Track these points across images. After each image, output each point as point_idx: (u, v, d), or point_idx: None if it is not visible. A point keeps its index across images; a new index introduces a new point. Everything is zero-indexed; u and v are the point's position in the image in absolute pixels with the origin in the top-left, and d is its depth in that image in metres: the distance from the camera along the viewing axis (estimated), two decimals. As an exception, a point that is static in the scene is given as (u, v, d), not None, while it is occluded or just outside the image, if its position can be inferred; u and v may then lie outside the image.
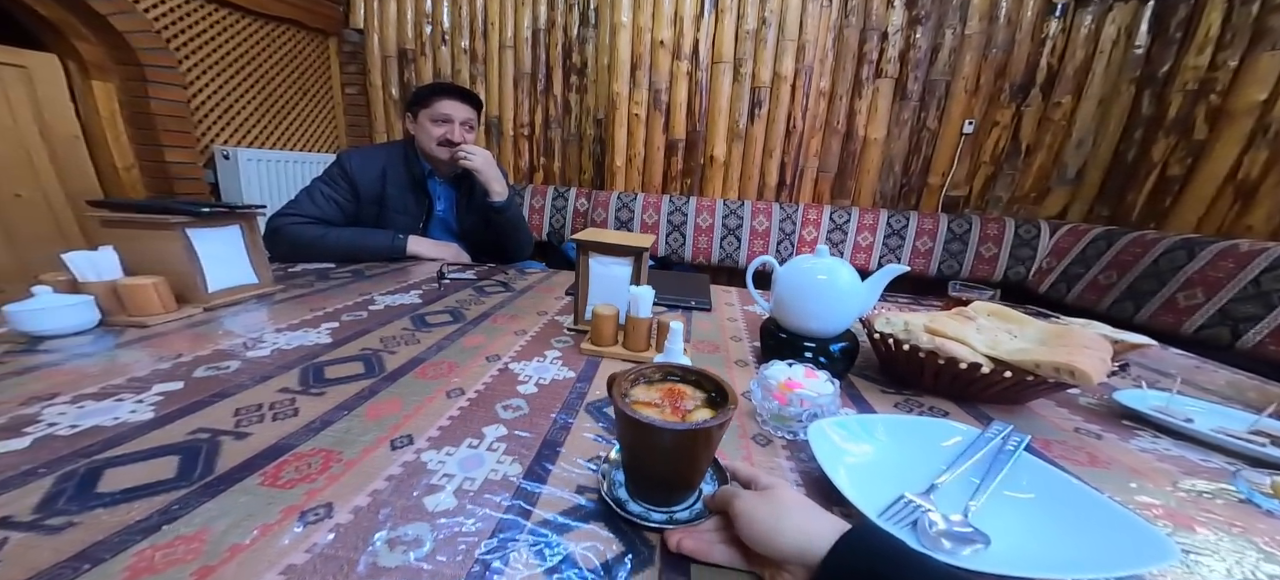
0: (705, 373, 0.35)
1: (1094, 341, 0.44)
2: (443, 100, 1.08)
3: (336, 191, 1.05)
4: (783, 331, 0.58)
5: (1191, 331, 1.12)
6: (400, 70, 2.12)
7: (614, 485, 0.34)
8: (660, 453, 0.30)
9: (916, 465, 0.36)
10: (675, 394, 0.33)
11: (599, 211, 2.01)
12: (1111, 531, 0.29)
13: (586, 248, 0.63)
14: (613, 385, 0.32)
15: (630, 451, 0.33)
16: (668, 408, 0.32)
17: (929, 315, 0.55)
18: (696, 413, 0.32)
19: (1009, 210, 1.95)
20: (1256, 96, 1.22)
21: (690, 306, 0.85)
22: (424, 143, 1.10)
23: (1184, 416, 0.45)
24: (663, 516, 0.31)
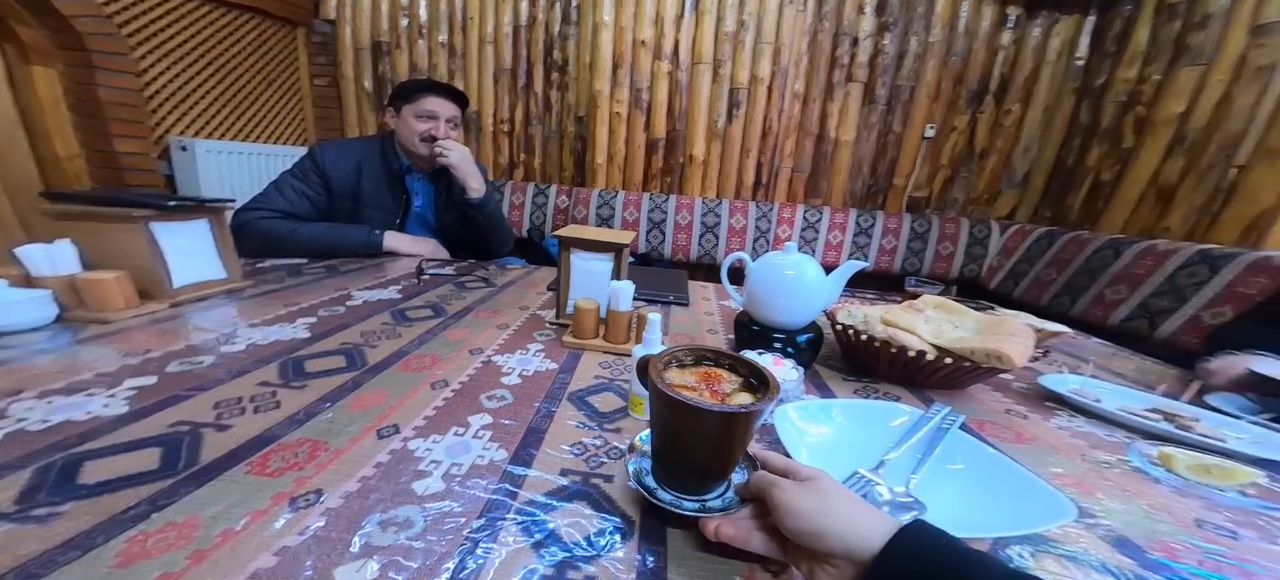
0: (739, 357, 0.34)
1: (1020, 330, 0.50)
2: (429, 97, 1.06)
3: (308, 186, 1.03)
4: (755, 324, 0.62)
5: (1117, 323, 1.23)
6: (374, 63, 2.06)
7: (642, 473, 0.33)
8: (700, 437, 0.29)
9: (869, 444, 0.40)
10: (711, 378, 0.33)
11: (580, 209, 2.01)
12: (1024, 496, 0.33)
13: (568, 243, 0.65)
14: (648, 367, 0.31)
15: (667, 435, 0.31)
16: (706, 391, 0.31)
17: (886, 308, 0.60)
18: (735, 397, 0.31)
19: (965, 211, 2.08)
20: (1176, 109, 1.36)
21: (668, 301, 0.89)
22: (406, 138, 1.08)
23: (1094, 397, 0.52)
24: (695, 505, 0.30)
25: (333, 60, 2.10)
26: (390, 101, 1.10)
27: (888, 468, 0.38)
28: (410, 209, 1.16)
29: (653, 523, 0.32)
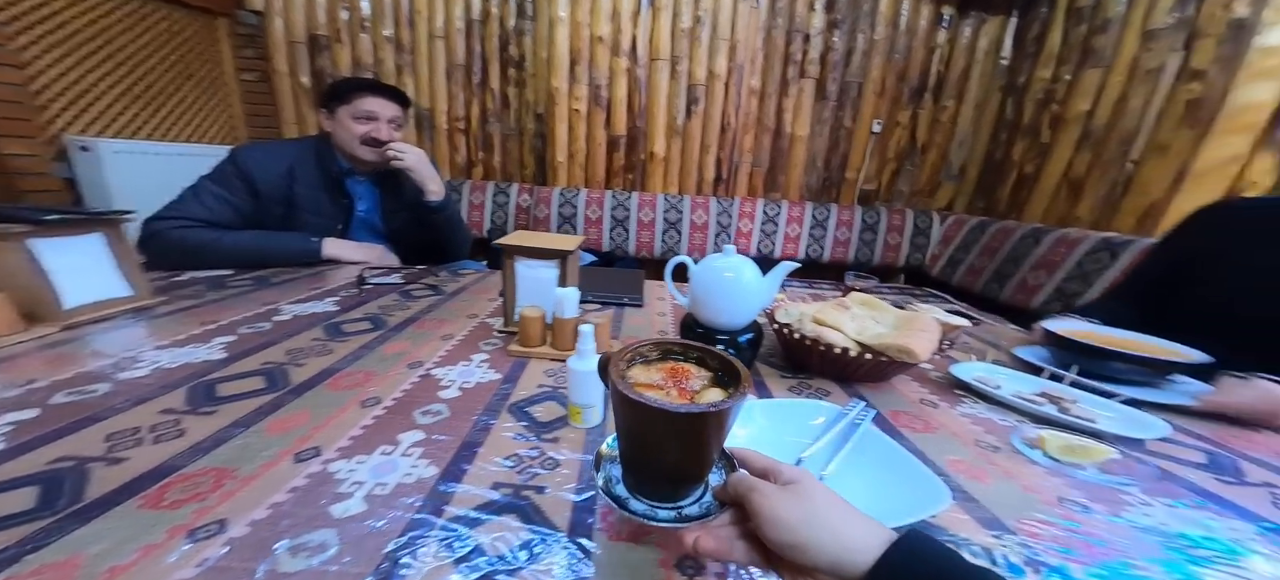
0: (707, 349, 0.32)
1: (928, 326, 0.54)
2: (366, 97, 1.00)
3: (230, 191, 0.95)
4: (700, 326, 0.63)
5: (1037, 307, 1.36)
6: (311, 57, 1.93)
7: (611, 482, 0.30)
8: (669, 441, 0.27)
9: (789, 441, 0.42)
10: (678, 373, 0.30)
11: (542, 208, 1.98)
12: (914, 485, 0.36)
13: (511, 252, 0.64)
14: (608, 366, 0.28)
15: (633, 440, 0.29)
16: (673, 390, 0.29)
17: (818, 307, 0.63)
18: (705, 394, 0.29)
19: (910, 203, 2.20)
20: (1083, 107, 1.50)
21: (623, 303, 0.89)
22: (344, 141, 1.02)
23: (995, 384, 0.57)
24: (671, 513, 0.28)
25: (263, 54, 1.95)
26: (322, 103, 1.03)
27: (806, 463, 0.40)
28: (353, 214, 1.10)
29: (581, 531, 0.32)
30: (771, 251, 2.15)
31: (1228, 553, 0.32)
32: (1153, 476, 0.41)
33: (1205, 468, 0.43)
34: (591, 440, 0.43)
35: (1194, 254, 0.74)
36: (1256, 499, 0.38)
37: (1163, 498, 0.38)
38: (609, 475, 0.31)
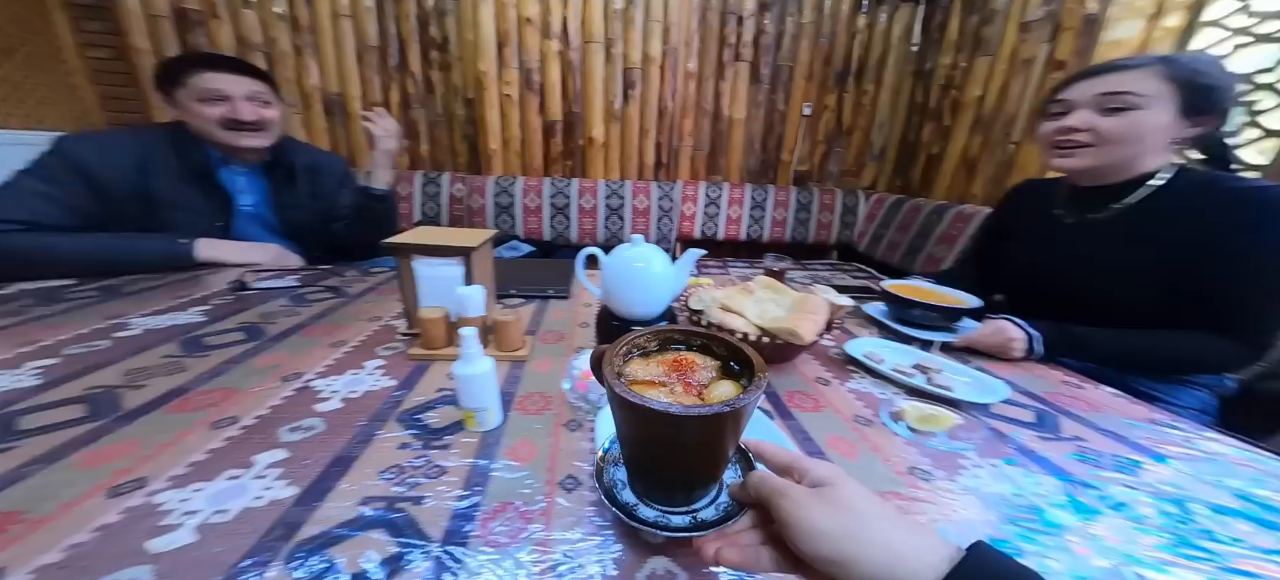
0: (712, 334, 0.29)
1: (818, 307, 0.59)
2: (203, 73, 0.86)
3: (58, 188, 0.80)
4: (615, 318, 0.64)
5: (940, 273, 1.51)
6: (180, 34, 1.66)
7: (617, 487, 0.28)
8: (680, 446, 0.24)
9: None
10: (682, 366, 0.27)
11: (476, 198, 1.89)
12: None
13: (406, 251, 0.60)
14: (601, 364, 0.25)
15: (638, 446, 0.26)
16: (678, 385, 0.26)
17: (725, 292, 0.66)
18: (716, 388, 0.26)
19: (839, 183, 2.34)
20: (976, 93, 1.65)
21: (547, 296, 0.87)
22: (203, 128, 0.89)
23: (879, 358, 0.62)
24: (685, 518, 0.26)
25: (115, 28, 1.65)
26: (158, 87, 0.88)
27: None
28: (235, 209, 0.97)
29: (456, 540, 0.31)
30: (715, 233, 2.21)
31: (1035, 511, 0.38)
32: (987, 439, 0.47)
33: (1033, 426, 0.50)
34: (488, 444, 0.42)
35: (1008, 223, 0.86)
36: (1064, 452, 0.45)
37: (992, 458, 0.44)
38: (614, 480, 0.28)
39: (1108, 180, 0.66)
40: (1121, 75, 0.60)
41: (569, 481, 0.38)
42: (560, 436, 0.45)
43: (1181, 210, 0.61)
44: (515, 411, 0.48)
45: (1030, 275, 0.77)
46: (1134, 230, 0.65)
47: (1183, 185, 0.62)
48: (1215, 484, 0.40)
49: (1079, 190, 0.72)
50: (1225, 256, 0.58)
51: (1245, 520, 0.36)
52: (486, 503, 0.35)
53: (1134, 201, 0.65)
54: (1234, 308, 0.58)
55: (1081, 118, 0.63)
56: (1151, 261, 0.63)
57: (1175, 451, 0.46)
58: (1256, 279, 0.57)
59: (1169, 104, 0.58)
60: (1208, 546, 0.34)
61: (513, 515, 0.34)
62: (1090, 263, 0.69)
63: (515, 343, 0.61)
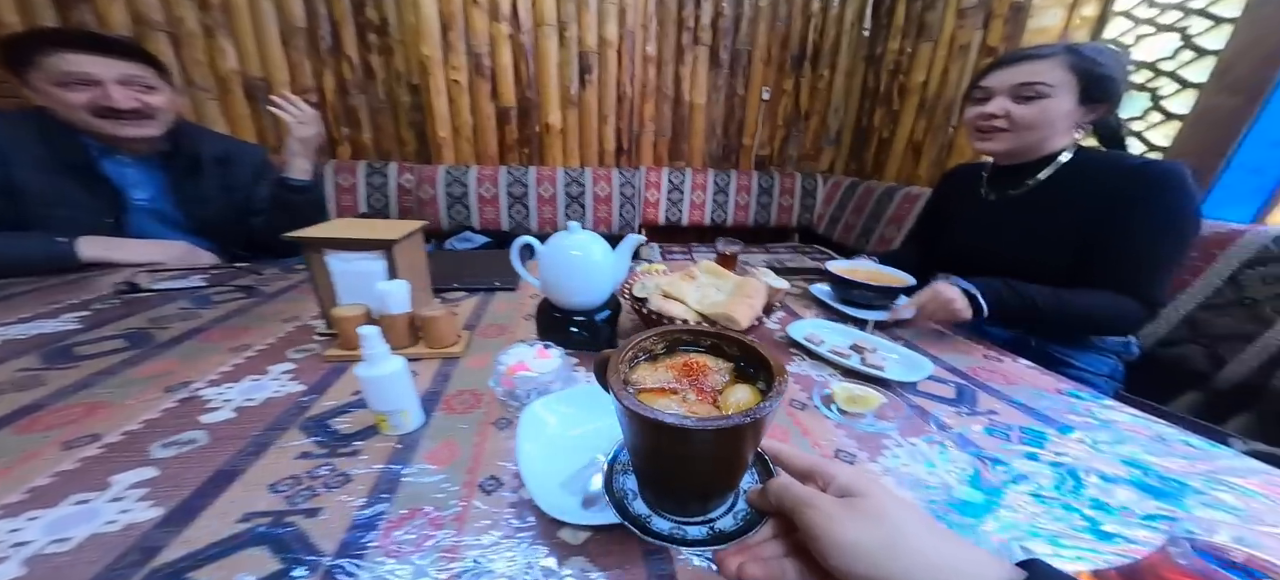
0: (722, 334, 0.28)
1: (756, 290, 0.59)
2: (60, 54, 0.75)
3: None
4: (556, 309, 0.61)
5: (890, 254, 1.57)
6: (61, 11, 1.45)
7: (627, 497, 0.26)
8: (696, 459, 0.22)
9: (601, 428, 0.41)
10: (693, 370, 0.26)
11: (426, 188, 1.79)
12: None
13: (316, 245, 0.55)
14: (606, 371, 0.23)
15: (649, 459, 0.25)
16: (690, 392, 0.25)
17: (667, 279, 0.64)
18: (730, 393, 0.24)
19: (799, 167, 2.38)
20: (920, 78, 1.71)
21: (492, 288, 0.84)
22: (70, 116, 0.78)
23: (819, 339, 0.63)
24: (701, 530, 0.25)
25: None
26: (9, 66, 0.77)
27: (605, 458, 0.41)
28: (127, 204, 0.87)
29: (352, 551, 0.30)
30: (679, 219, 2.21)
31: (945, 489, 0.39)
32: (910, 417, 0.48)
33: (953, 401, 0.52)
34: (405, 447, 0.40)
35: (943, 205, 0.93)
36: (977, 425, 0.47)
37: (912, 438, 0.45)
38: (624, 490, 0.27)
39: (1023, 159, 0.73)
40: (1034, 65, 0.66)
41: (490, 483, 0.37)
42: (487, 436, 0.43)
43: (1083, 184, 0.68)
44: (440, 411, 0.46)
45: (963, 252, 0.83)
46: (1044, 203, 0.72)
47: (1083, 162, 0.70)
48: (1109, 453, 0.43)
49: (1000, 170, 0.79)
50: (1122, 226, 0.64)
51: (1131, 487, 0.39)
52: (394, 510, 0.33)
53: (1044, 178, 0.72)
54: (1132, 271, 0.65)
55: (999, 105, 0.69)
56: (1060, 230, 0.70)
57: (1078, 421, 0.49)
58: (1149, 247, 0.64)
59: (1072, 92, 0.64)
60: (1091, 515, 0.35)
61: (422, 522, 0.33)
62: (1011, 236, 0.75)
63: (447, 338, 0.58)
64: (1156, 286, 0.65)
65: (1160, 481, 0.39)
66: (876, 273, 0.81)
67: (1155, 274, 0.65)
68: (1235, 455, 0.43)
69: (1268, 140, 1.02)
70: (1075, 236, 0.68)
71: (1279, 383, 0.73)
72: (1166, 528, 0.34)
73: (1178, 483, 0.39)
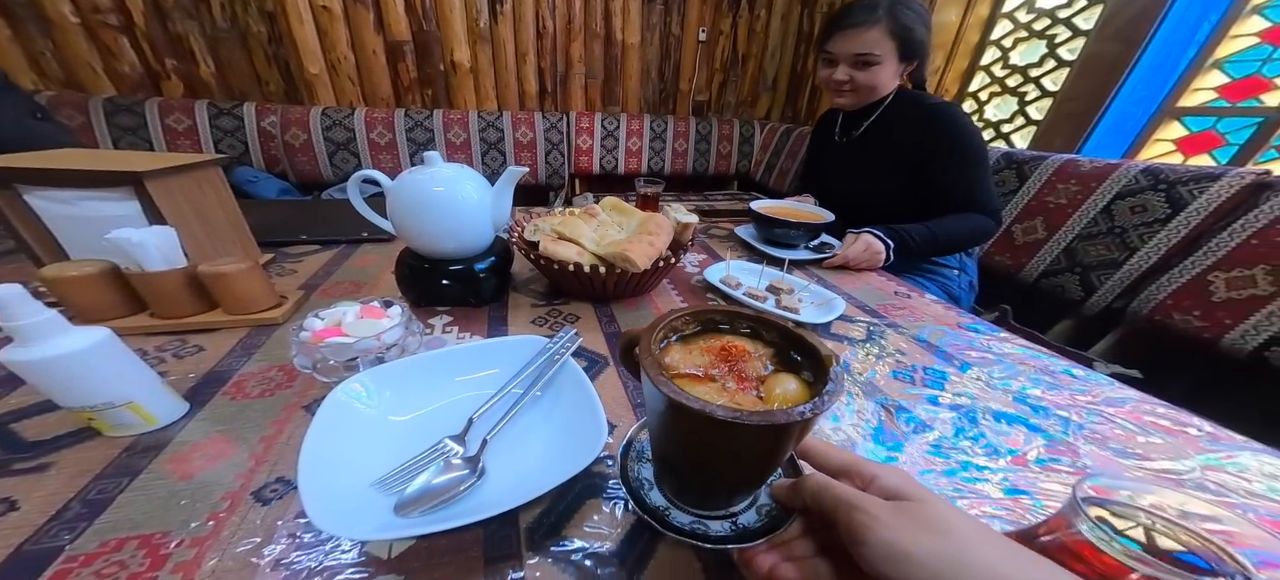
0: (760, 315, 0.25)
1: (660, 227, 0.51)
2: None
3: None
4: (423, 260, 0.50)
5: (820, 201, 1.58)
6: None
7: (644, 487, 0.25)
8: (734, 454, 0.21)
9: (474, 400, 0.34)
10: (732, 355, 0.24)
11: (297, 132, 1.48)
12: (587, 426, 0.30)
13: (5, 178, 0.38)
14: (633, 352, 0.22)
15: (680, 450, 0.23)
16: (730, 379, 0.22)
17: (561, 218, 0.54)
18: (776, 383, 0.22)
19: (737, 113, 2.31)
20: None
21: (359, 239, 0.71)
22: None
23: (736, 282, 0.58)
24: (725, 526, 0.23)
25: None
26: None
27: (475, 426, 0.32)
28: None
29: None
30: (614, 167, 2.07)
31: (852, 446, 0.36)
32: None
33: (863, 341, 0.49)
34: (136, 452, 0.29)
35: (815, 147, 1.04)
36: (884, 369, 0.45)
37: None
38: (639, 479, 0.25)
39: (861, 106, 0.84)
40: (863, 34, 0.75)
41: (275, 488, 0.28)
42: (289, 424, 0.33)
43: (900, 123, 0.81)
44: (223, 396, 0.35)
45: (828, 191, 0.93)
46: (876, 142, 0.84)
47: (897, 105, 0.82)
48: (1002, 390, 0.42)
49: (846, 115, 0.90)
50: (942, 161, 0.76)
51: (1021, 427, 0.37)
52: (87, 542, 0.24)
53: (873, 120, 0.84)
54: (965, 194, 0.76)
55: (843, 72, 0.79)
56: (890, 163, 0.81)
57: (976, 356, 0.48)
58: (966, 171, 0.76)
59: (894, 54, 0.76)
60: (986, 464, 0.33)
61: (135, 553, 0.23)
62: (857, 173, 0.87)
63: (256, 300, 0.44)
64: (988, 197, 0.76)
65: (1046, 419, 0.38)
66: (798, 210, 0.83)
67: (981, 189, 0.76)
68: (1113, 386, 0.43)
69: (1142, 82, 1.11)
70: (902, 168, 0.80)
71: (1136, 306, 0.81)
72: (1056, 472, 0.33)
73: (1062, 419, 0.38)
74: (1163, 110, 1.08)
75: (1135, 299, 0.81)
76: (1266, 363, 0.65)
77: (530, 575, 0.24)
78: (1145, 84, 1.11)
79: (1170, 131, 1.09)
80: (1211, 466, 0.34)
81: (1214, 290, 0.71)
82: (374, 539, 0.25)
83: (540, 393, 0.35)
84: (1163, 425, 0.38)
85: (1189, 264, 0.75)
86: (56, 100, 1.26)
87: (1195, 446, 0.35)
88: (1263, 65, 0.95)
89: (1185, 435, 0.37)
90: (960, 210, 0.76)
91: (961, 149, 0.75)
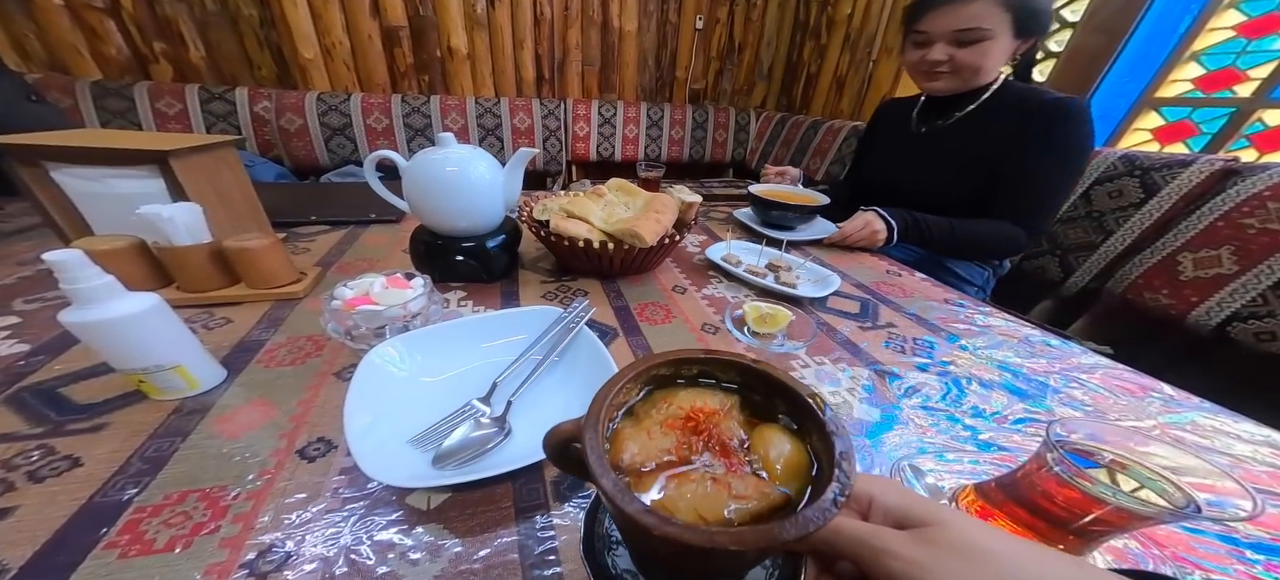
0: (712, 357, 0.20)
1: (665, 206, 0.53)
2: None
3: None
4: (438, 237, 0.53)
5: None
6: None
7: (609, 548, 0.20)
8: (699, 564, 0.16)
9: (496, 365, 0.36)
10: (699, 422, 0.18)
11: (292, 117, 1.46)
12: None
13: (30, 155, 0.39)
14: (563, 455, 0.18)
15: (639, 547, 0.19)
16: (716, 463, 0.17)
17: (570, 197, 0.56)
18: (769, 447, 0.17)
19: (732, 102, 2.32)
20: (847, 11, 1.68)
21: (367, 221, 0.73)
22: None
23: (737, 260, 0.60)
24: None
25: None
26: None
27: (501, 390, 0.34)
28: None
29: (58, 561, 0.22)
30: (611, 155, 2.08)
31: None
32: (816, 334, 0.47)
33: (857, 317, 0.52)
34: (185, 415, 0.31)
35: (873, 138, 0.96)
36: (877, 340, 0.48)
37: (819, 355, 0.44)
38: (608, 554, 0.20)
39: (961, 91, 0.74)
40: (970, 7, 0.64)
41: (317, 446, 0.30)
42: (323, 389, 0.35)
43: (1002, 117, 0.70)
44: (257, 365, 0.37)
45: (887, 184, 0.85)
46: (967, 135, 0.74)
47: (1003, 95, 0.71)
48: (987, 359, 0.45)
49: (931, 102, 0.80)
50: (1027, 157, 0.67)
51: (1003, 390, 0.40)
52: (151, 495, 0.25)
53: (973, 109, 0.73)
54: (1027, 203, 0.69)
55: (942, 51, 0.68)
56: (974, 160, 0.73)
57: (962, 328, 0.51)
58: (1047, 182, 0.68)
59: (1008, 29, 0.64)
60: (971, 424, 0.36)
61: (196, 505, 0.25)
62: (935, 166, 0.78)
63: (277, 274, 0.45)
64: (1042, 217, 0.71)
65: (1027, 384, 0.42)
66: (793, 193, 0.84)
67: (1044, 206, 0.70)
68: (1084, 352, 0.47)
69: (1124, 74, 1.15)
70: (985, 166, 0.71)
71: (1111, 286, 0.85)
72: (1033, 430, 0.36)
73: (1041, 383, 0.42)
74: (1142, 101, 1.12)
75: (1110, 279, 0.86)
76: (1228, 337, 0.70)
77: (557, 521, 0.26)
78: (1126, 75, 1.14)
79: (1148, 121, 1.13)
80: (1169, 425, 0.37)
81: (1182, 270, 0.76)
82: (417, 486, 0.27)
83: (557, 358, 0.37)
84: (1129, 389, 0.42)
85: (1160, 245, 0.79)
86: (42, 83, 1.23)
87: (1158, 408, 0.39)
88: (1237, 58, 1.00)
89: (1148, 397, 0.40)
90: (1010, 217, 0.68)
91: (1062, 163, 0.65)
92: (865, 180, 0.92)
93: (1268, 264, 0.66)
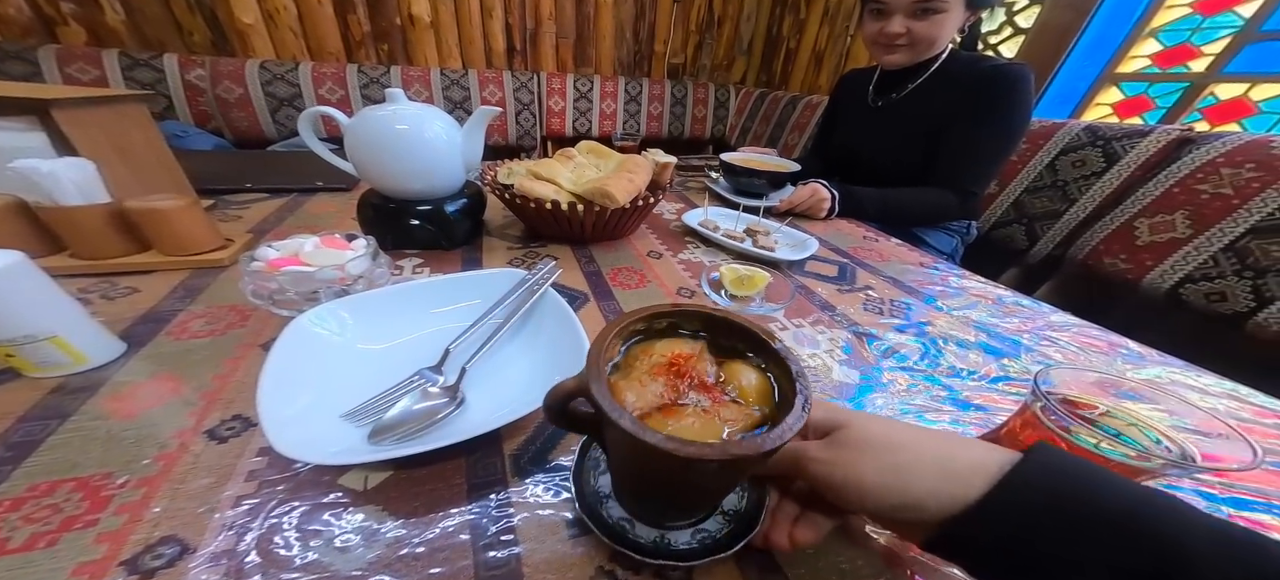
0: (679, 308, 0.22)
1: (638, 166, 0.50)
2: None
3: None
4: (390, 200, 0.48)
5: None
6: None
7: (601, 501, 0.23)
8: (703, 484, 0.20)
9: (449, 333, 0.33)
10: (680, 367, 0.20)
11: (230, 87, 1.33)
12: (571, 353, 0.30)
13: None
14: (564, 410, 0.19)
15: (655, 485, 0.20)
16: (704, 399, 0.20)
17: (535, 161, 0.53)
18: (735, 377, 0.20)
19: (713, 77, 2.27)
20: (823, -20, 1.65)
21: (313, 188, 0.67)
22: None
23: (713, 225, 0.58)
24: (688, 538, 0.22)
25: None
26: None
27: (454, 357, 0.31)
28: None
29: None
30: (588, 130, 2.01)
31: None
32: (795, 296, 0.46)
33: (835, 279, 0.51)
34: (70, 393, 0.27)
35: (836, 110, 0.96)
36: (855, 302, 0.46)
37: (797, 318, 0.42)
38: (593, 493, 0.23)
39: (914, 63, 0.74)
40: None
41: (230, 426, 0.26)
42: (245, 362, 0.31)
43: (949, 86, 0.72)
44: (166, 337, 0.32)
45: (846, 155, 0.87)
46: (918, 106, 0.76)
47: (953, 65, 0.73)
48: (962, 319, 0.45)
49: (886, 75, 0.81)
50: (971, 122, 0.69)
51: (979, 350, 0.40)
52: (13, 486, 0.22)
53: (924, 79, 0.75)
54: (963, 165, 0.71)
55: (900, 23, 0.69)
56: (930, 129, 0.74)
57: (937, 290, 0.50)
58: (984, 144, 0.70)
59: (960, 2, 0.66)
60: (949, 383, 0.36)
61: (70, 496, 0.21)
62: (891, 137, 0.79)
63: (196, 240, 0.40)
64: (977, 181, 0.73)
65: (1001, 343, 0.41)
66: (765, 161, 0.83)
67: (980, 169, 0.72)
68: (1054, 311, 0.47)
69: (1088, 50, 1.17)
70: (937, 135, 0.73)
71: (1073, 252, 0.88)
72: (1010, 389, 0.36)
73: (1014, 341, 0.41)
74: (1104, 76, 1.15)
75: (1072, 246, 0.88)
76: (1180, 300, 0.73)
77: (516, 497, 0.24)
78: (1090, 51, 1.17)
79: (1109, 96, 1.16)
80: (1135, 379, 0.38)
81: (1139, 235, 0.79)
82: (340, 463, 0.24)
83: (520, 323, 0.34)
84: (1098, 345, 0.42)
85: (1119, 212, 0.82)
86: (-78, 41, 1.07)
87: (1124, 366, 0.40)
88: (1192, 34, 1.03)
89: (1115, 354, 0.41)
90: (944, 182, 0.71)
91: (1000, 125, 0.67)
92: (831, 153, 0.93)
93: (1219, 227, 0.69)
